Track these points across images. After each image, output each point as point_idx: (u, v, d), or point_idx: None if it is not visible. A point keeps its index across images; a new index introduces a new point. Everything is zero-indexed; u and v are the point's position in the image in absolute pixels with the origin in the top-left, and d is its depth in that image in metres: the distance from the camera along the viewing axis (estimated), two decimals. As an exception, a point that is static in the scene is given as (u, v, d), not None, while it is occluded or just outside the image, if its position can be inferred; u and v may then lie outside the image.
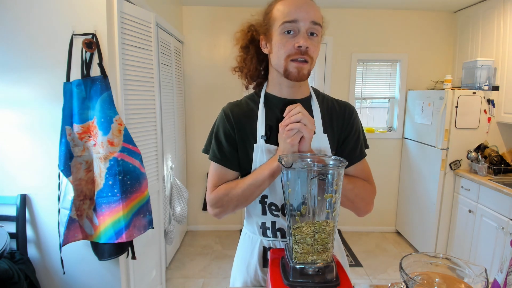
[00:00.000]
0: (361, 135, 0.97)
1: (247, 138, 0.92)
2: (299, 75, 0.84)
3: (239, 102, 0.97)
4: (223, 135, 0.93)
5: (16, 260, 1.60)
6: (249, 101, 0.96)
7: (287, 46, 0.82)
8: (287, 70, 0.84)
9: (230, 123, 0.92)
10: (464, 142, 2.65)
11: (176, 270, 2.72)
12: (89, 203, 1.59)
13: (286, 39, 0.82)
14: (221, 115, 0.95)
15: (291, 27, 0.81)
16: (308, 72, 0.86)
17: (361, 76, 3.36)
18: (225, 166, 0.95)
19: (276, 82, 0.92)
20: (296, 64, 0.83)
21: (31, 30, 1.56)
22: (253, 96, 0.98)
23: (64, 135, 1.52)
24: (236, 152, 0.93)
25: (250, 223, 1.00)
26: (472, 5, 2.92)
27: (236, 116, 0.93)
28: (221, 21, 3.22)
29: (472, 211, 2.47)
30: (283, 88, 0.92)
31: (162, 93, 2.41)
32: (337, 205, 0.72)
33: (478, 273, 0.64)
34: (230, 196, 0.90)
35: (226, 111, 0.94)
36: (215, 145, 0.96)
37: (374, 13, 3.21)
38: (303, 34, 0.81)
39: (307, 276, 0.70)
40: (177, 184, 2.62)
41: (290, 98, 0.92)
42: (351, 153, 0.93)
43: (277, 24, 0.84)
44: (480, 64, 2.60)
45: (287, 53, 0.83)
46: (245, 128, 0.92)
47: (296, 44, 0.81)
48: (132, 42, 1.76)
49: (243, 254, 1.01)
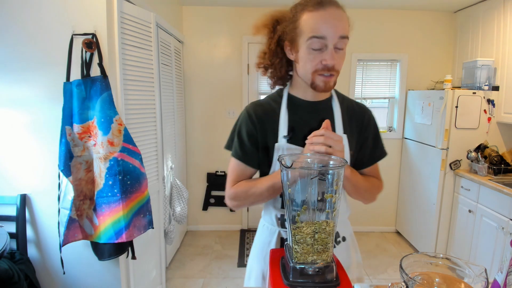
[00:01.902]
0: (380, 137, 1.03)
1: (269, 137, 0.95)
2: (325, 88, 0.87)
3: (262, 102, 1.00)
4: (246, 134, 0.96)
5: (16, 260, 1.60)
6: (272, 101, 0.98)
7: (314, 62, 0.84)
8: (314, 83, 0.87)
9: (253, 122, 0.95)
10: (464, 142, 2.65)
11: (176, 270, 2.72)
12: (89, 203, 1.59)
13: (314, 56, 0.84)
14: (244, 115, 0.98)
15: (318, 44, 0.82)
16: (334, 83, 0.89)
17: (361, 76, 3.36)
18: (246, 164, 0.98)
19: (300, 86, 0.95)
20: (323, 78, 0.86)
21: (31, 30, 1.56)
22: (276, 96, 1.00)
23: (64, 135, 1.52)
24: (257, 150, 0.97)
25: (269, 215, 1.02)
26: (472, 5, 2.92)
27: (258, 116, 0.95)
28: (221, 21, 3.22)
29: (472, 211, 2.47)
30: (308, 93, 0.95)
31: (162, 93, 2.41)
32: (337, 205, 0.72)
33: (478, 273, 0.64)
34: (249, 194, 0.94)
35: (249, 111, 0.97)
36: (237, 143, 0.98)
37: (374, 13, 3.21)
38: (331, 51, 0.82)
39: (307, 276, 0.70)
40: (177, 184, 2.62)
41: (312, 100, 0.96)
42: (372, 153, 1.00)
43: (304, 37, 0.84)
44: (480, 64, 2.60)
45: (313, 68, 0.85)
46: (266, 128, 0.95)
47: (324, 61, 0.83)
48: (132, 42, 1.76)
49: (261, 245, 1.04)
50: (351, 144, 0.95)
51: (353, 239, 1.08)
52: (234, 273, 2.69)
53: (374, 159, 1.02)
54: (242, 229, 3.49)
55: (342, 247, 1.02)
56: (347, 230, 1.05)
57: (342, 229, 1.03)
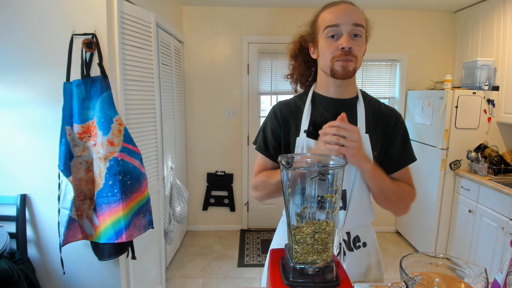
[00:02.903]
0: (409, 141, 1.02)
1: (291, 133, 0.99)
2: (344, 72, 0.88)
3: (289, 101, 1.05)
4: (270, 130, 1.03)
5: (16, 260, 1.60)
6: (298, 100, 1.04)
7: (331, 48, 0.88)
8: (333, 69, 0.90)
9: (278, 120, 1.01)
10: (464, 142, 2.65)
11: (176, 270, 2.72)
12: (89, 203, 1.59)
13: (330, 43, 0.89)
14: (270, 113, 1.04)
15: (333, 31, 0.88)
16: (354, 69, 0.90)
17: (361, 76, 3.36)
18: (268, 157, 1.04)
19: (324, 83, 0.98)
20: (341, 63, 0.88)
21: (31, 30, 1.56)
22: (302, 95, 1.05)
23: (64, 135, 1.52)
24: (279, 146, 1.02)
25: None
26: (472, 5, 2.92)
27: (283, 114, 1.01)
28: (221, 21, 3.22)
29: (472, 211, 2.47)
30: (330, 88, 0.97)
31: (162, 93, 2.41)
32: (337, 205, 0.72)
33: (478, 273, 0.64)
34: (267, 184, 0.99)
35: (276, 110, 1.03)
36: (261, 138, 1.05)
37: (374, 13, 3.20)
38: (346, 36, 0.86)
39: (307, 276, 0.70)
40: (177, 184, 2.62)
41: (336, 97, 0.97)
42: (400, 158, 0.99)
43: (321, 30, 0.91)
44: (480, 64, 2.60)
45: (332, 55, 0.88)
46: (290, 124, 1.00)
47: (340, 46, 0.86)
48: (132, 42, 1.76)
49: (280, 239, 1.08)
50: (376, 145, 0.95)
51: (375, 245, 1.06)
52: (234, 273, 2.69)
53: (402, 163, 0.99)
54: (242, 229, 3.49)
55: (362, 252, 1.00)
56: (369, 236, 1.03)
57: (364, 234, 1.01)
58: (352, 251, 0.99)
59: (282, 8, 3.19)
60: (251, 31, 3.23)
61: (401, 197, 0.97)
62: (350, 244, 0.99)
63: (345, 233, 0.99)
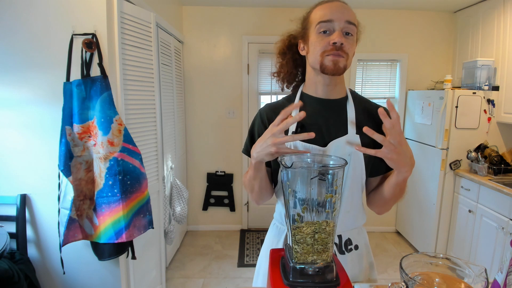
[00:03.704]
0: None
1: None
2: (335, 68, 0.86)
3: (276, 103, 1.02)
4: (257, 133, 1.01)
5: (16, 260, 1.60)
6: (286, 101, 1.01)
7: (323, 43, 0.87)
8: (323, 64, 0.87)
9: (264, 123, 0.98)
10: (464, 142, 2.65)
11: (176, 270, 2.72)
12: (89, 203, 1.59)
13: (322, 37, 0.87)
14: (257, 116, 1.03)
15: (326, 27, 0.86)
16: (344, 67, 0.88)
17: (361, 76, 3.36)
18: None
19: (312, 82, 0.96)
20: (332, 57, 0.86)
21: (31, 30, 1.56)
22: (290, 96, 1.03)
23: (64, 135, 1.52)
24: None
25: (279, 213, 1.04)
26: (472, 5, 2.92)
27: (269, 116, 0.98)
28: (221, 21, 3.22)
29: (472, 211, 2.47)
30: (319, 87, 0.95)
31: (162, 93, 2.41)
32: (337, 205, 0.72)
33: (478, 273, 0.64)
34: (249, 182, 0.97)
35: (262, 113, 1.01)
36: (248, 140, 1.03)
37: (374, 13, 3.21)
38: (338, 32, 0.85)
39: (307, 276, 0.70)
40: (177, 184, 2.62)
41: (325, 98, 0.95)
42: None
43: (313, 25, 0.89)
44: (480, 64, 2.60)
45: (322, 49, 0.87)
46: None
47: (331, 41, 0.85)
48: (132, 42, 1.76)
49: (270, 243, 1.07)
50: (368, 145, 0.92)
51: (367, 248, 1.05)
52: (234, 273, 2.69)
53: None
54: (242, 229, 3.49)
55: (354, 255, 0.99)
56: (361, 238, 1.02)
57: (356, 237, 1.00)
58: (344, 254, 0.97)
59: (282, 8, 3.19)
60: (251, 31, 3.23)
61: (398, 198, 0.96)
62: (342, 247, 0.97)
63: (336, 236, 0.97)
